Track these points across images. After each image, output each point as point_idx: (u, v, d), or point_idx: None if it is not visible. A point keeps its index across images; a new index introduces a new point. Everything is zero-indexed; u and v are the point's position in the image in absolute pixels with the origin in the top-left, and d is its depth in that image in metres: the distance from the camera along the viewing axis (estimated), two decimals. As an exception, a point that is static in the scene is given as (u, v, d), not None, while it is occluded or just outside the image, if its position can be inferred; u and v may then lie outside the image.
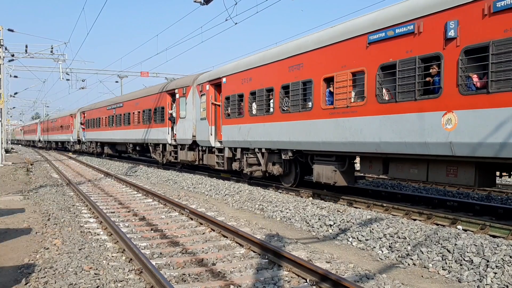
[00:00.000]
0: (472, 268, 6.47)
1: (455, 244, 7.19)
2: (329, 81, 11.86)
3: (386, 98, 10.17)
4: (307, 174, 14.41)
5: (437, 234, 7.88)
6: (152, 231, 9.54)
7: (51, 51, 37.76)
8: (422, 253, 7.28)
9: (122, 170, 25.96)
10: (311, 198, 12.90)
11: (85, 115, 43.12)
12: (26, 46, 36.68)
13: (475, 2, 8.21)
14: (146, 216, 11.23)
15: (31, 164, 30.50)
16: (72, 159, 38.77)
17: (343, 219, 9.68)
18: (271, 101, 14.34)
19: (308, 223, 10.02)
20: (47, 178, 21.29)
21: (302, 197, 13.34)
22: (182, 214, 11.26)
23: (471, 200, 12.78)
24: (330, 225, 9.58)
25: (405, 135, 9.63)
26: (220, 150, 18.04)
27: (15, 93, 61.14)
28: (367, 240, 8.41)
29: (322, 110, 12.03)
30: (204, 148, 19.62)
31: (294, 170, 14.52)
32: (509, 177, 9.49)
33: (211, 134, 18.37)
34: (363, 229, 8.84)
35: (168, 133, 22.95)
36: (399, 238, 8.10)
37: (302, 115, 12.81)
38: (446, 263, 6.82)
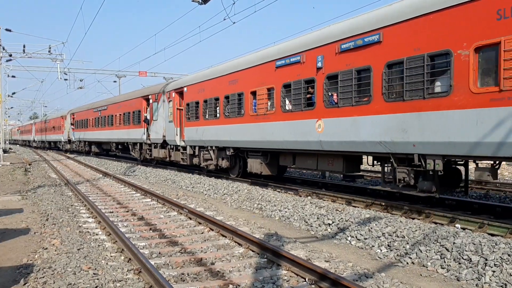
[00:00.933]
0: (471, 267, 6.48)
1: (454, 243, 7.20)
2: (254, 93, 15.23)
3: (287, 108, 13.55)
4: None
5: (435, 232, 7.89)
6: (151, 231, 9.53)
7: (49, 51, 37.74)
8: (421, 251, 7.29)
9: (121, 169, 25.94)
10: (309, 198, 12.90)
11: (75, 116, 45.72)
12: (24, 46, 36.73)
13: (331, 43, 11.67)
14: (145, 215, 11.22)
15: (29, 164, 30.45)
16: (70, 159, 38.72)
17: (341, 218, 9.69)
18: (218, 108, 17.93)
19: (306, 222, 10.02)
20: (45, 178, 21.25)
21: (300, 196, 13.34)
22: (181, 213, 11.25)
23: (469, 198, 12.79)
24: (329, 224, 9.59)
25: (297, 136, 13.13)
26: (184, 148, 21.32)
27: (13, 93, 60.87)
28: (366, 239, 8.42)
29: (250, 116, 15.47)
30: (172, 146, 22.75)
31: (238, 163, 18.04)
32: (373, 166, 12.24)
33: (177, 135, 21.67)
34: (362, 228, 8.85)
35: (144, 134, 26.01)
36: (398, 237, 8.11)
37: (238, 120, 16.28)
38: (444, 262, 6.83)
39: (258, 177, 17.18)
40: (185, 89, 20.71)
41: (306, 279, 6.10)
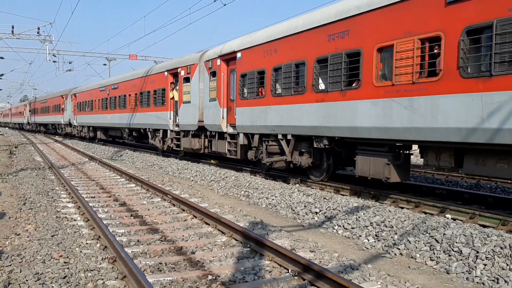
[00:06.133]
0: (461, 259, 6.22)
1: (444, 234, 6.94)
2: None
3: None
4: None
5: (425, 223, 7.63)
6: (131, 217, 9.19)
7: (38, 32, 36.92)
8: (410, 242, 7.03)
9: (108, 154, 25.49)
10: (297, 185, 12.62)
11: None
12: (13, 27, 35.80)
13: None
14: (127, 201, 10.87)
15: (16, 147, 29.88)
16: (58, 142, 38.10)
17: (329, 206, 9.41)
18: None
19: (293, 210, 9.74)
20: (29, 161, 20.78)
21: (289, 183, 13.05)
22: (165, 200, 10.91)
23: (460, 188, 12.58)
24: (316, 213, 9.31)
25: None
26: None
27: (1, 75, 59.64)
28: (353, 228, 8.15)
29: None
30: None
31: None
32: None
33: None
34: (349, 217, 8.58)
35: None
36: (386, 226, 7.84)
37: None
38: (434, 254, 6.58)
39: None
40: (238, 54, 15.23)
41: (289, 270, 5.81)
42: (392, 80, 9.22)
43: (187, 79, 18.74)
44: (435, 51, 8.46)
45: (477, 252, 6.22)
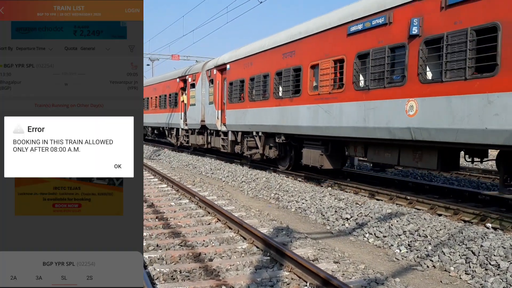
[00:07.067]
0: (498, 274, 5.68)
1: (481, 246, 6.38)
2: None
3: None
4: None
5: (462, 233, 7.07)
6: (156, 220, 9.05)
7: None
8: (444, 254, 6.51)
9: (146, 153, 25.77)
10: (329, 188, 12.17)
11: None
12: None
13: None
14: (156, 202, 10.77)
15: None
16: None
17: (361, 212, 8.95)
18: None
19: (323, 215, 9.34)
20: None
21: (321, 186, 12.63)
22: (192, 201, 10.75)
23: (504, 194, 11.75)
24: (347, 219, 8.88)
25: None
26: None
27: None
28: (384, 236, 7.68)
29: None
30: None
31: None
32: None
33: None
34: (382, 225, 8.11)
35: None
36: (420, 236, 7.33)
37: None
38: (469, 267, 6.05)
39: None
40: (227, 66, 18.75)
41: (308, 284, 5.45)
42: (318, 90, 12.04)
43: (193, 85, 22.23)
44: (342, 69, 11.03)
45: (517, 268, 5.65)
